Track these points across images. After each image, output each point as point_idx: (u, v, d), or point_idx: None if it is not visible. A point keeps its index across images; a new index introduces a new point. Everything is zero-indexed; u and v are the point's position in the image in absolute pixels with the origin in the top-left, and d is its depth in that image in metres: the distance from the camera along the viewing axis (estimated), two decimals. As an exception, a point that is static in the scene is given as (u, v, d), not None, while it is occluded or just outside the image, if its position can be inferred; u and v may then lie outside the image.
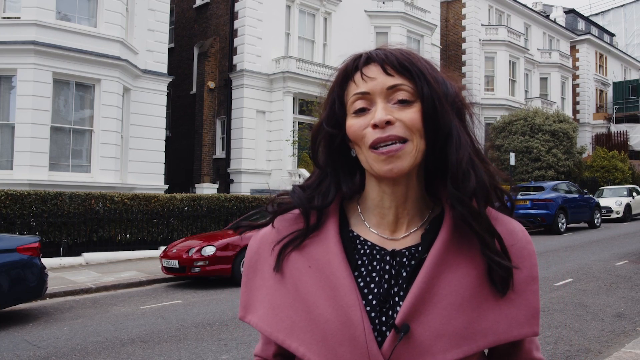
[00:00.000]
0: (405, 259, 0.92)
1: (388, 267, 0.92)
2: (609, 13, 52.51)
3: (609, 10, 52.77)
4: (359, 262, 0.93)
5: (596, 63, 40.38)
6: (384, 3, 22.75)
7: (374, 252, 0.94)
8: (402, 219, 0.95)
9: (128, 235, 12.24)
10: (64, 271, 10.45)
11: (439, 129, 0.89)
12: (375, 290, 0.90)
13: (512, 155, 23.40)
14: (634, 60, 46.08)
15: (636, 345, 4.76)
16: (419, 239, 0.93)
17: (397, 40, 21.66)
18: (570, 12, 42.12)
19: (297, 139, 18.10)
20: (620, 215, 20.15)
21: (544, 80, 33.88)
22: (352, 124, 0.91)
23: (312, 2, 20.39)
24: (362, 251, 0.94)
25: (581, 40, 38.56)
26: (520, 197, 16.62)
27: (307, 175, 16.57)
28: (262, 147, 18.98)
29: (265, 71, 18.94)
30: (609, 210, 20.12)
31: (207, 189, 17.92)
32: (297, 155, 18.68)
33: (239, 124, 18.64)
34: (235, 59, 19.07)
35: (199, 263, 8.73)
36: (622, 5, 51.67)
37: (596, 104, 40.06)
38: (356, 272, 0.92)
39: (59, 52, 13.01)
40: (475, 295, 0.88)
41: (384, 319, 0.88)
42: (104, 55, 13.66)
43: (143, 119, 15.42)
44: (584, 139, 36.24)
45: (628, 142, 36.52)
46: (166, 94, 16.41)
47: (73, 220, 11.44)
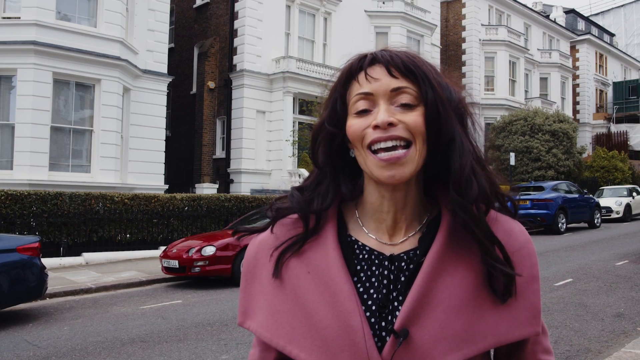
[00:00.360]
0: (403, 264, 0.91)
1: (387, 272, 0.91)
2: (609, 13, 52.52)
3: (609, 10, 52.77)
4: (358, 268, 0.93)
5: (596, 63, 40.38)
6: (384, 3, 22.75)
7: (373, 257, 0.93)
8: (400, 223, 0.95)
9: (128, 235, 12.24)
10: (64, 271, 10.45)
11: (441, 134, 0.89)
12: (375, 295, 0.90)
13: (512, 155, 23.40)
14: (634, 60, 46.09)
15: (636, 345, 4.76)
16: (417, 243, 0.93)
17: (397, 40, 21.72)
18: (570, 12, 42.13)
19: (297, 139, 18.10)
20: (620, 215, 20.15)
21: (544, 80, 33.88)
22: (353, 124, 0.90)
23: (312, 2, 20.39)
24: (360, 256, 0.94)
25: (581, 40, 38.56)
26: (520, 197, 16.59)
27: (307, 175, 16.56)
28: (262, 147, 18.98)
29: (265, 71, 18.94)
30: (609, 210, 20.11)
31: (207, 189, 17.92)
32: (297, 155, 18.68)
33: (239, 124, 18.64)
34: (235, 59, 19.07)
35: (199, 263, 8.72)
36: (622, 5, 51.67)
37: (596, 104, 40.06)
38: (355, 278, 0.92)
39: (59, 52, 13.01)
40: (474, 297, 0.87)
41: (384, 324, 0.88)
42: (104, 55, 13.66)
43: (143, 119, 15.42)
44: (584, 139, 36.24)
45: (628, 142, 36.52)
46: (166, 94, 16.41)
47: (73, 220, 11.44)
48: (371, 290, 0.90)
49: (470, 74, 28.95)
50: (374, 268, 0.92)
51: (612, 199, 20.78)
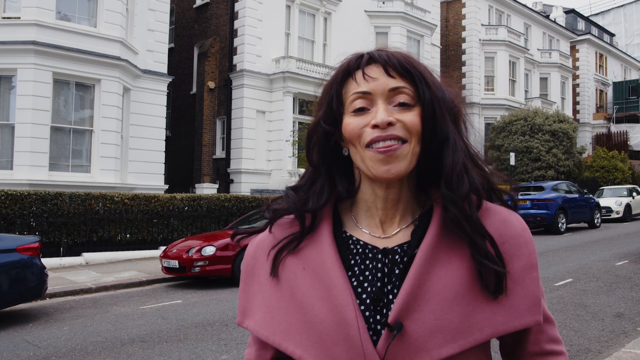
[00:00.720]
0: (397, 257, 0.92)
1: (380, 265, 0.92)
2: (609, 13, 52.52)
3: (609, 10, 52.77)
4: (352, 262, 0.94)
5: (596, 63, 40.38)
6: (384, 3, 22.75)
7: (366, 251, 0.94)
8: (394, 218, 0.96)
9: (128, 235, 12.24)
10: (64, 271, 10.45)
11: (436, 133, 0.90)
12: (369, 289, 0.90)
13: (512, 155, 23.40)
14: (634, 60, 46.08)
15: (636, 345, 4.76)
16: (410, 236, 0.94)
17: (397, 40, 21.74)
18: (570, 12, 42.13)
19: (297, 139, 18.10)
20: (620, 215, 20.15)
21: (544, 80, 33.88)
22: (350, 123, 0.91)
23: (312, 2, 20.39)
24: (354, 251, 0.95)
25: (581, 40, 38.55)
26: (520, 197, 16.59)
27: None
28: (262, 147, 18.97)
29: (265, 71, 18.94)
30: (609, 210, 20.11)
31: (207, 189, 17.92)
32: (297, 155, 18.67)
33: (239, 124, 18.64)
34: (235, 59, 19.07)
35: (199, 263, 8.73)
36: (622, 5, 51.68)
37: (596, 104, 40.05)
38: (349, 272, 0.92)
39: (59, 52, 13.01)
40: (469, 289, 0.87)
41: (379, 317, 0.88)
42: (104, 55, 13.66)
43: (143, 119, 15.42)
44: (584, 139, 36.24)
45: (628, 142, 36.52)
46: (166, 94, 16.41)
47: (73, 220, 11.44)
48: (365, 284, 0.91)
49: (470, 74, 28.95)
50: (367, 262, 0.93)
51: (612, 199, 20.78)
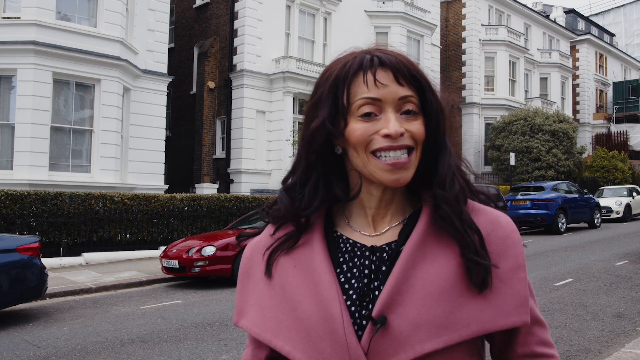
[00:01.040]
0: (385, 254, 0.94)
1: (368, 262, 0.94)
2: (609, 13, 52.53)
3: (609, 10, 52.79)
4: (341, 260, 0.95)
5: (596, 63, 40.37)
6: (384, 3, 22.75)
7: (355, 249, 0.96)
8: (385, 217, 0.98)
9: (128, 235, 12.24)
10: (64, 271, 10.45)
11: (437, 141, 0.94)
12: (356, 285, 0.92)
13: (512, 155, 23.40)
14: (634, 60, 46.07)
15: (636, 345, 4.76)
16: (398, 235, 0.96)
17: (397, 40, 21.72)
18: (570, 12, 42.12)
19: (297, 139, 18.09)
20: (620, 215, 20.15)
21: (544, 80, 33.87)
22: (358, 128, 0.90)
23: (312, 2, 20.38)
24: (344, 249, 0.97)
25: (581, 40, 38.54)
26: (520, 197, 16.63)
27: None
28: (262, 147, 18.97)
29: (265, 71, 18.94)
30: (609, 210, 20.11)
31: (207, 189, 17.92)
32: (297, 155, 18.65)
33: (239, 124, 18.64)
34: (235, 59, 19.07)
35: (199, 263, 8.73)
36: (622, 5, 51.68)
37: (596, 104, 40.05)
38: (338, 269, 0.94)
39: (59, 52, 13.00)
40: (455, 285, 0.88)
41: (364, 312, 0.90)
42: (104, 55, 13.66)
43: (143, 119, 15.42)
44: (584, 139, 36.22)
45: (628, 142, 36.51)
46: (166, 94, 16.40)
47: (73, 220, 11.44)
48: (352, 280, 0.93)
49: (470, 74, 28.95)
50: (355, 259, 0.95)
51: (612, 199, 20.78)
